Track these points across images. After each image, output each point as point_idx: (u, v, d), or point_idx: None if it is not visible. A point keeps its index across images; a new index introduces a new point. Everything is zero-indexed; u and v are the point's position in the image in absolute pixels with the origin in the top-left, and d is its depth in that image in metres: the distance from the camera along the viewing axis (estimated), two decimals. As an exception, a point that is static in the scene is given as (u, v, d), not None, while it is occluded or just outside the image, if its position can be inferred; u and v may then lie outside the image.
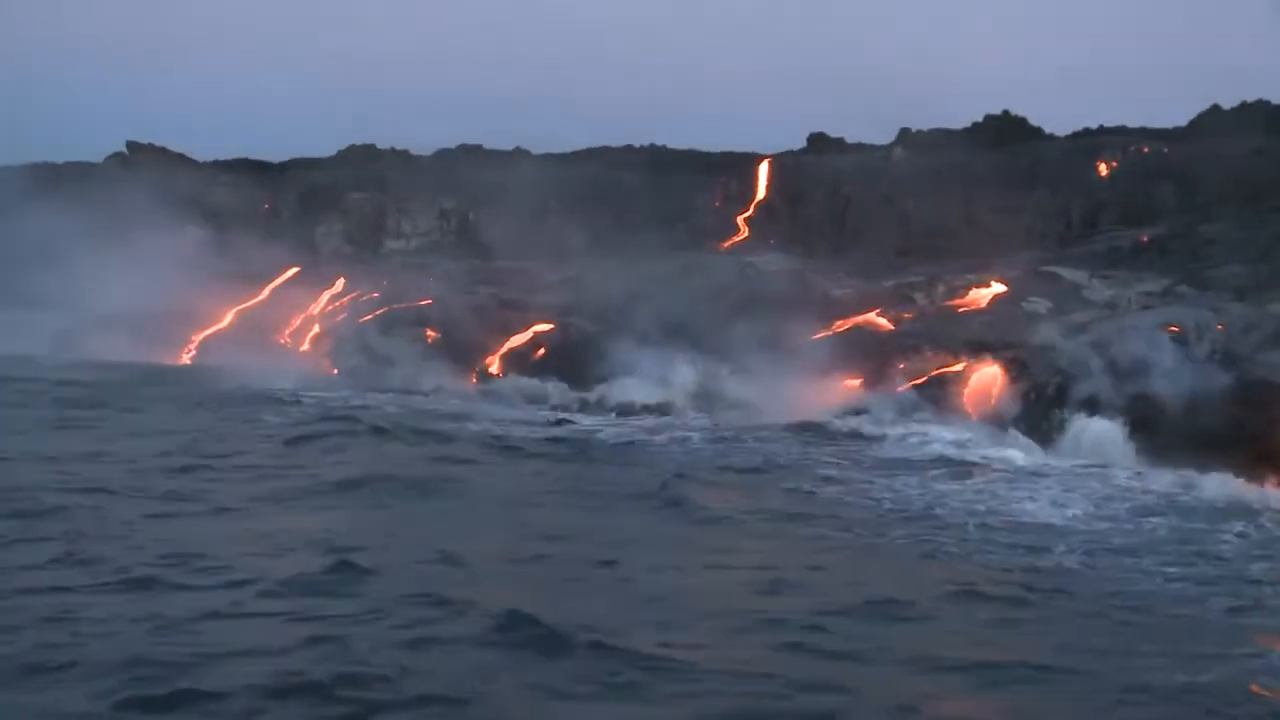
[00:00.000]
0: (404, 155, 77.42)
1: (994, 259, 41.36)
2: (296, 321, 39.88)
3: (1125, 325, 25.79)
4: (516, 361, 33.61)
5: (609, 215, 52.69)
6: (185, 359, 39.70)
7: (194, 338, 40.21)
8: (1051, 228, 44.42)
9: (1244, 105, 62.00)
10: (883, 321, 30.60)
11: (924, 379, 26.03)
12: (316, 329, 39.00)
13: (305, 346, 38.65)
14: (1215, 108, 62.84)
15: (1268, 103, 61.78)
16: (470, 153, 67.50)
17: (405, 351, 34.20)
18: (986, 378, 25.34)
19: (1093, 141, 47.18)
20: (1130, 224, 42.30)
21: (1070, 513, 17.53)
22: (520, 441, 24.02)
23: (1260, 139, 46.31)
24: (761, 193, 52.10)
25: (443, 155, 77.56)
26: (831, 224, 49.69)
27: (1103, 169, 44.65)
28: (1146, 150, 45.20)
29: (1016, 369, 25.12)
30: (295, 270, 42.40)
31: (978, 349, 26.41)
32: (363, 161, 69.19)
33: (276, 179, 63.73)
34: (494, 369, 33.63)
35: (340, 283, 41.06)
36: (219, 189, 63.00)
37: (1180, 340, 24.64)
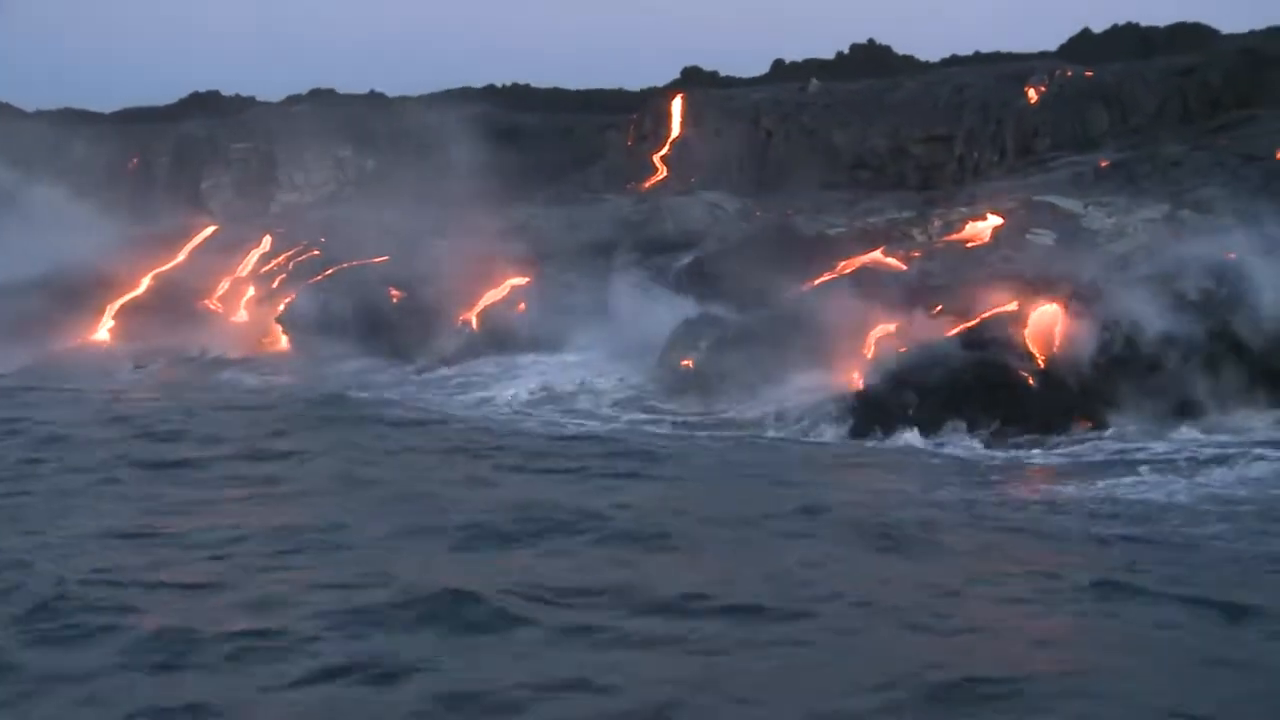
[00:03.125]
0: (249, 101, 73.03)
1: (943, 189, 40.49)
2: (224, 284, 36.39)
3: (1177, 254, 24.72)
4: (496, 318, 31.03)
5: (517, 159, 50.07)
6: (104, 333, 35.90)
7: (107, 307, 36.38)
8: (985, 156, 43.57)
9: (1114, 28, 62.63)
10: (892, 261, 28.95)
11: (976, 321, 24.50)
12: (251, 292, 35.60)
13: (241, 313, 35.27)
14: (1086, 31, 63.35)
15: (1137, 25, 62.58)
16: (339, 98, 63.67)
17: (375, 315, 31.27)
18: (1047, 317, 23.96)
19: (1019, 66, 46.35)
20: (1067, 149, 41.72)
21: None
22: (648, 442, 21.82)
23: (1138, 61, 46.49)
24: (676, 130, 49.99)
25: (294, 100, 73.48)
26: (753, 159, 47.97)
27: (1032, 95, 43.80)
28: (1070, 74, 44.54)
29: (1079, 306, 23.79)
30: (214, 229, 38.72)
31: (1028, 286, 25.01)
32: (208, 109, 64.80)
33: (144, 131, 58.96)
34: (474, 325, 31.00)
35: (267, 240, 37.58)
36: (78, 142, 58.18)
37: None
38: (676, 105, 50.23)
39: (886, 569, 13.53)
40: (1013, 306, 24.40)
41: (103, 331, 35.55)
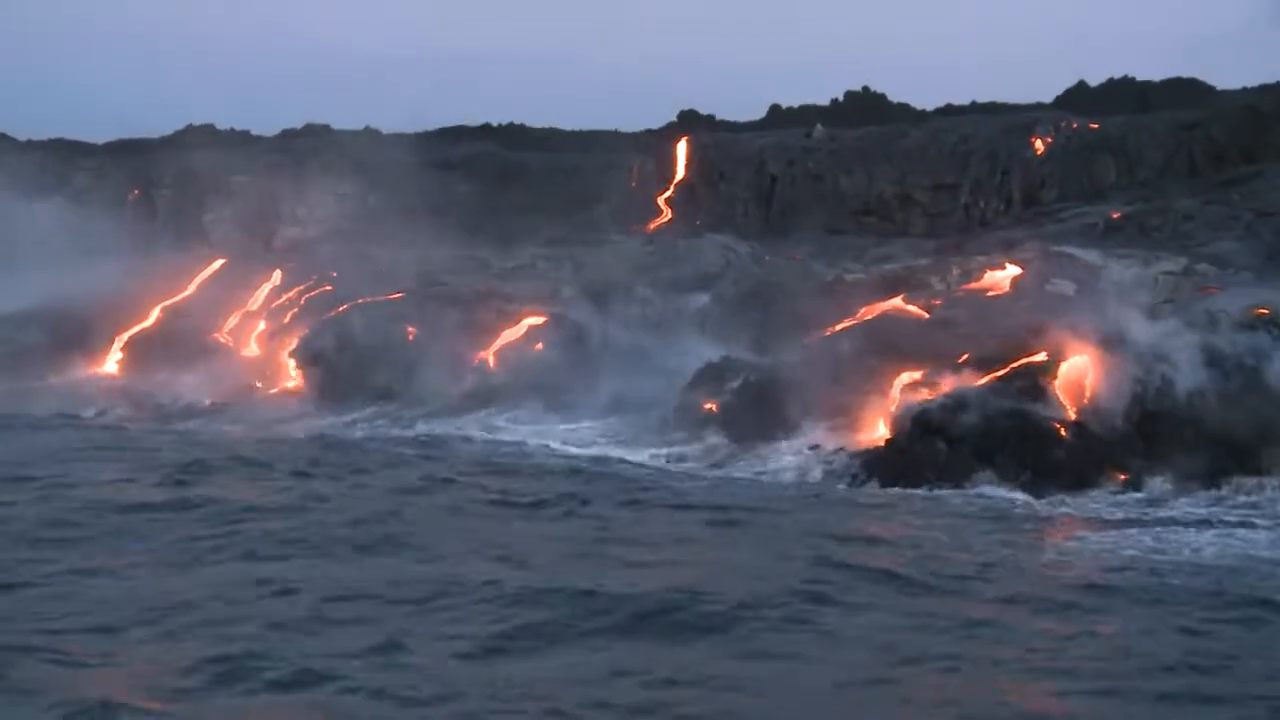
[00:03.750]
0: (244, 135, 72.76)
1: (950, 237, 40.55)
2: (234, 318, 36.02)
3: (1209, 309, 24.67)
4: (513, 358, 30.76)
5: (520, 198, 49.99)
6: (112, 365, 35.46)
7: (116, 338, 35.97)
8: (992, 205, 43.72)
9: (1111, 81, 63.14)
10: (914, 308, 28.88)
11: (1005, 371, 24.37)
12: (262, 326, 35.24)
13: (252, 347, 34.88)
14: (1082, 84, 63.83)
15: (1134, 79, 63.09)
16: (337, 134, 63.45)
17: (390, 353, 30.91)
18: (1077, 368, 23.84)
19: (1025, 117, 46.56)
20: (1074, 199, 41.91)
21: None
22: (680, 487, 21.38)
23: (1144, 115, 46.73)
24: (681, 173, 49.99)
25: (290, 135, 73.28)
26: (758, 203, 48.01)
27: (1039, 145, 44.02)
28: (1075, 126, 44.80)
29: (1110, 358, 23.68)
30: (222, 262, 38.36)
31: (1055, 336, 24.91)
32: (206, 142, 64.47)
33: (142, 162, 58.56)
34: (491, 364, 30.72)
35: (278, 275, 37.26)
36: (80, 174, 57.86)
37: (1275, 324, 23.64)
38: (681, 148, 50.22)
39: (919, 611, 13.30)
40: (1042, 357, 24.25)
41: (110, 364, 35.10)
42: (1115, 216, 36.42)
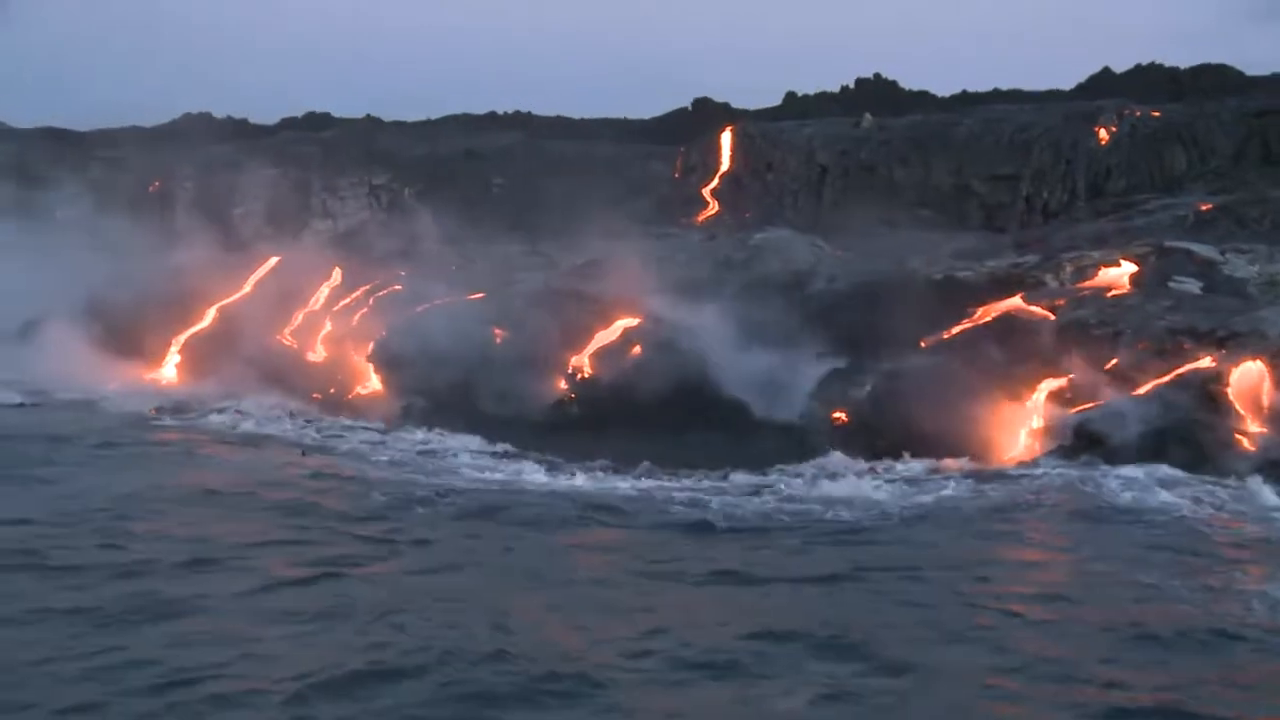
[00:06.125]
0: (242, 124, 70.45)
1: (1032, 230, 38.88)
2: (297, 318, 33.80)
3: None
4: (609, 361, 28.76)
5: (557, 190, 47.97)
6: (170, 369, 33.21)
7: (173, 340, 33.72)
8: (1055, 197, 42.03)
9: (1138, 68, 61.73)
10: (1037, 309, 27.07)
11: (1169, 378, 22.67)
12: (329, 327, 33.05)
13: (319, 349, 32.69)
14: (1107, 70, 62.41)
15: (1161, 65, 61.70)
16: (369, 124, 61.25)
17: (478, 356, 28.80)
18: (1252, 375, 22.17)
19: (1087, 106, 44.85)
20: (1144, 190, 40.33)
21: None
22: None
23: (1211, 102, 45.10)
24: (726, 164, 48.06)
25: (291, 124, 70.99)
26: (809, 195, 46.16)
27: (1103, 135, 42.35)
28: (1139, 114, 43.16)
29: (1284, 366, 22.00)
30: (277, 260, 36.12)
31: (1212, 340, 23.23)
32: (204, 132, 62.09)
33: (159, 153, 56.13)
34: (585, 372, 28.70)
35: (338, 273, 35.05)
36: (95, 164, 55.44)
37: None
38: (726, 138, 48.28)
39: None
40: (1208, 363, 22.54)
41: (169, 367, 32.86)
42: (1205, 208, 34.76)
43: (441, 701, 10.62)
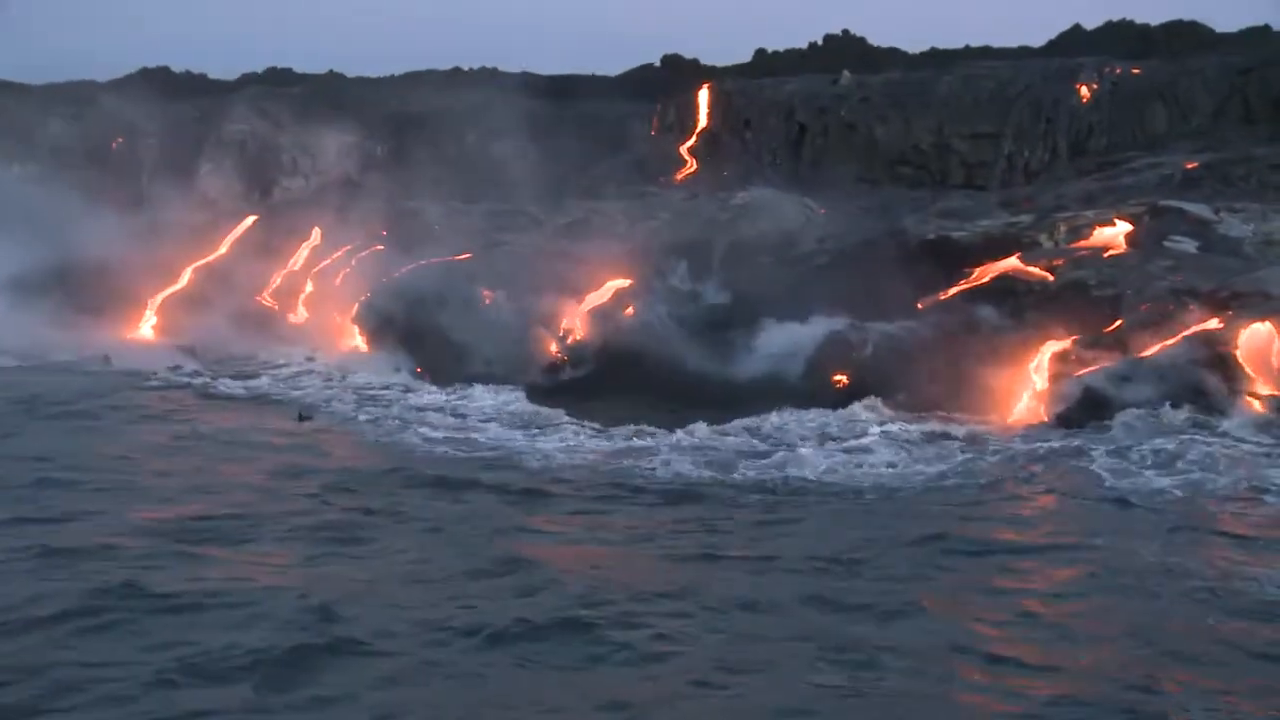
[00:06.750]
0: (200, 79, 68.87)
1: (1016, 189, 38.54)
2: (276, 279, 32.96)
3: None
4: (602, 323, 28.20)
5: (539, 147, 47.02)
6: (147, 329, 32.32)
7: (148, 301, 32.80)
8: (1037, 155, 41.72)
9: (1109, 24, 61.34)
10: (1035, 270, 26.73)
11: (1176, 340, 22.40)
12: (310, 288, 32.24)
13: (301, 311, 31.90)
14: (1078, 27, 62.01)
15: (1132, 22, 61.33)
16: (340, 80, 59.95)
17: (468, 319, 28.14)
18: (1260, 336, 21.93)
19: (1068, 64, 44.43)
20: (1125, 149, 40.08)
21: None
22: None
23: (1193, 59, 44.79)
24: (703, 121, 47.38)
25: (252, 79, 69.44)
26: (787, 153, 45.59)
27: (1084, 92, 42.02)
28: (1119, 72, 42.84)
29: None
30: (253, 219, 35.16)
31: (1215, 300, 22.99)
32: (163, 87, 60.60)
33: (119, 108, 54.58)
34: (579, 333, 28.11)
35: (317, 233, 34.18)
36: (53, 120, 53.91)
37: None
38: (704, 96, 47.57)
39: None
40: (1215, 325, 22.30)
41: (145, 328, 31.97)
42: (1190, 167, 34.53)
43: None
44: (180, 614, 11.85)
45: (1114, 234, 28.32)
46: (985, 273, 27.29)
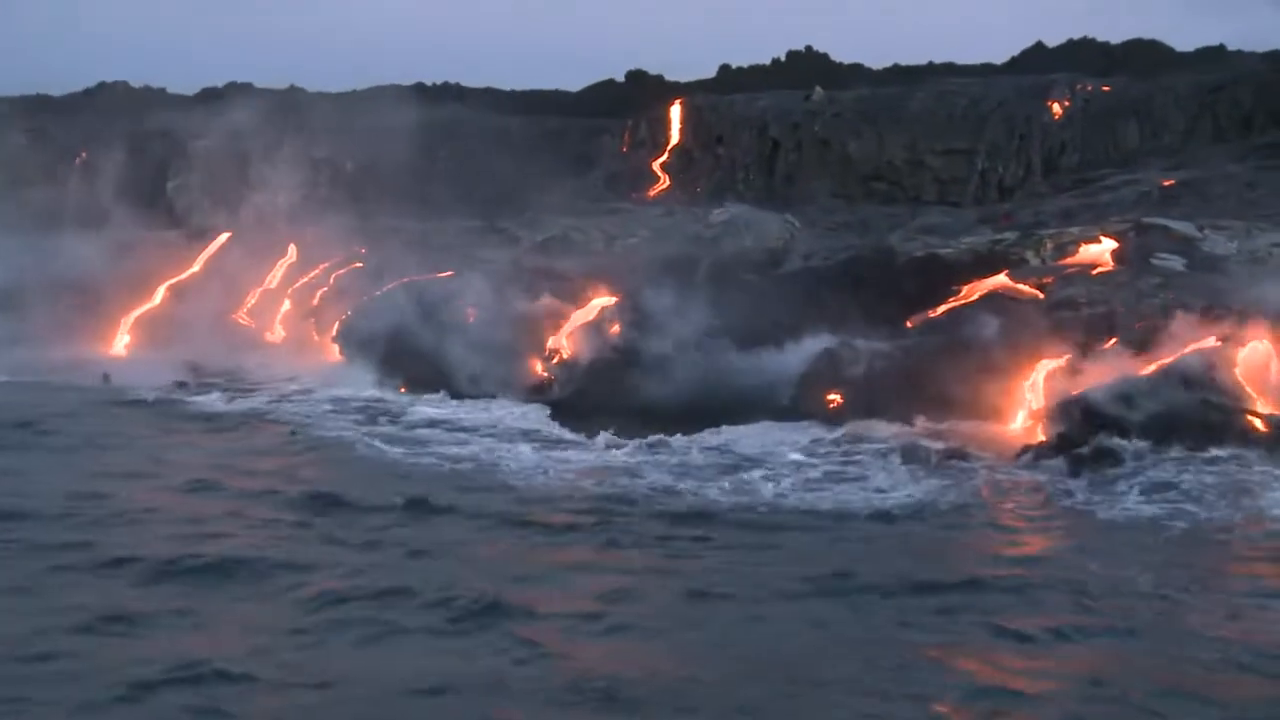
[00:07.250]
0: (159, 94, 67.95)
1: (995, 205, 38.51)
2: (252, 298, 32.34)
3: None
4: (589, 339, 27.76)
5: (510, 163, 46.59)
6: (119, 348, 31.60)
7: (121, 320, 32.08)
8: (1010, 171, 41.83)
9: (1070, 42, 61.72)
10: (1024, 287, 26.58)
11: (1173, 358, 22.26)
12: (287, 306, 31.65)
13: (278, 329, 31.30)
14: (1040, 45, 62.37)
15: (1094, 40, 61.76)
16: (306, 95, 59.19)
17: (452, 338, 27.65)
18: (1259, 355, 21.86)
19: (1040, 80, 44.59)
20: (1098, 165, 40.25)
21: None
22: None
23: (1164, 77, 45.11)
24: (675, 137, 47.17)
25: (212, 94, 68.56)
26: (760, 169, 45.46)
27: (1056, 109, 42.21)
28: (1090, 89, 43.08)
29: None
30: (227, 236, 34.53)
31: (1212, 318, 22.89)
32: (124, 102, 59.80)
33: (81, 122, 53.76)
34: (566, 352, 27.70)
35: (293, 250, 33.59)
36: (14, 134, 52.86)
37: None
38: (675, 112, 47.37)
39: None
40: (1212, 342, 22.20)
41: (118, 346, 31.25)
42: (1167, 184, 34.67)
43: None
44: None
45: (1100, 251, 28.22)
46: (974, 290, 27.08)
